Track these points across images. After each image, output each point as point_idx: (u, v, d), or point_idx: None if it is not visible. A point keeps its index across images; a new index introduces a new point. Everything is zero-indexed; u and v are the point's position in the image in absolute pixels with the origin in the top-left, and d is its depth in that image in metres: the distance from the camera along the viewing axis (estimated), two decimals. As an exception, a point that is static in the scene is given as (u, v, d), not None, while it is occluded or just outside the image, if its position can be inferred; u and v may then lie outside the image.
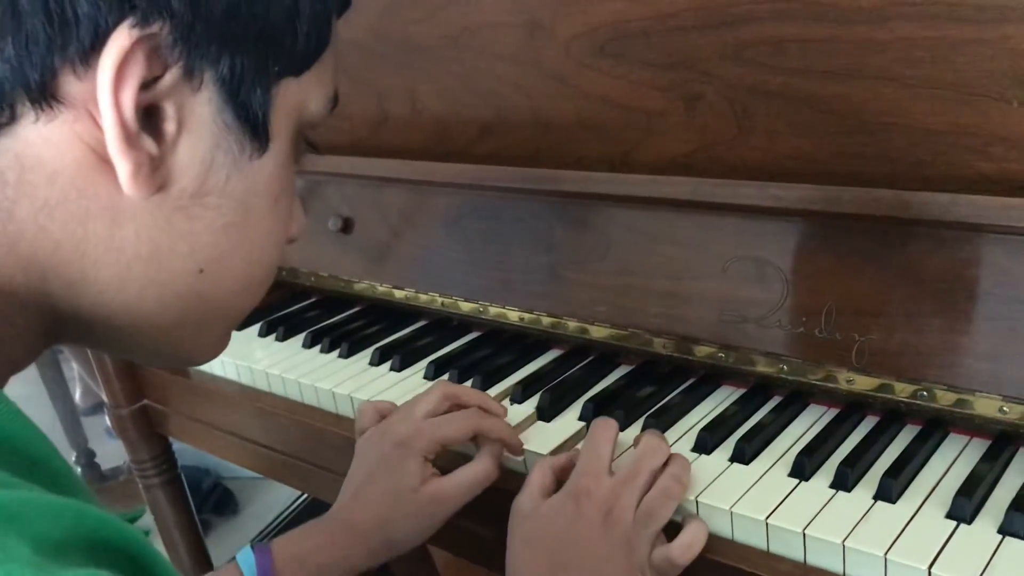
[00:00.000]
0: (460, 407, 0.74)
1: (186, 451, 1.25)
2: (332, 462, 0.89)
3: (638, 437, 0.68)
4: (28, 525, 0.33)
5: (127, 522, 0.38)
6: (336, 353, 0.98)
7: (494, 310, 0.93)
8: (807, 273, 0.72)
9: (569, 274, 0.87)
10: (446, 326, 1.00)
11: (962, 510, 0.59)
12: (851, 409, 0.73)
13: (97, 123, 0.40)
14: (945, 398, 0.67)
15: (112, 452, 2.27)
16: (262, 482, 2.05)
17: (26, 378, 0.44)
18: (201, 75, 0.42)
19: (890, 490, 0.62)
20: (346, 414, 0.89)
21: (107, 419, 1.19)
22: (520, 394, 0.82)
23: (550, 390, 0.82)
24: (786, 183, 0.72)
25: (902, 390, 0.68)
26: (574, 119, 0.89)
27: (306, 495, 1.88)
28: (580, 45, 0.86)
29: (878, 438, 0.68)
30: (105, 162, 0.41)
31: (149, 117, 0.41)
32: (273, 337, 1.05)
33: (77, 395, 2.58)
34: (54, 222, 0.42)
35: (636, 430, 0.75)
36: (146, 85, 0.40)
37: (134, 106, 0.40)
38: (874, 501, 0.62)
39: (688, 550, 0.61)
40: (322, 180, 1.08)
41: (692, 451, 0.71)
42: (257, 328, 1.07)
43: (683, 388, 0.81)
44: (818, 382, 0.72)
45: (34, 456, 0.39)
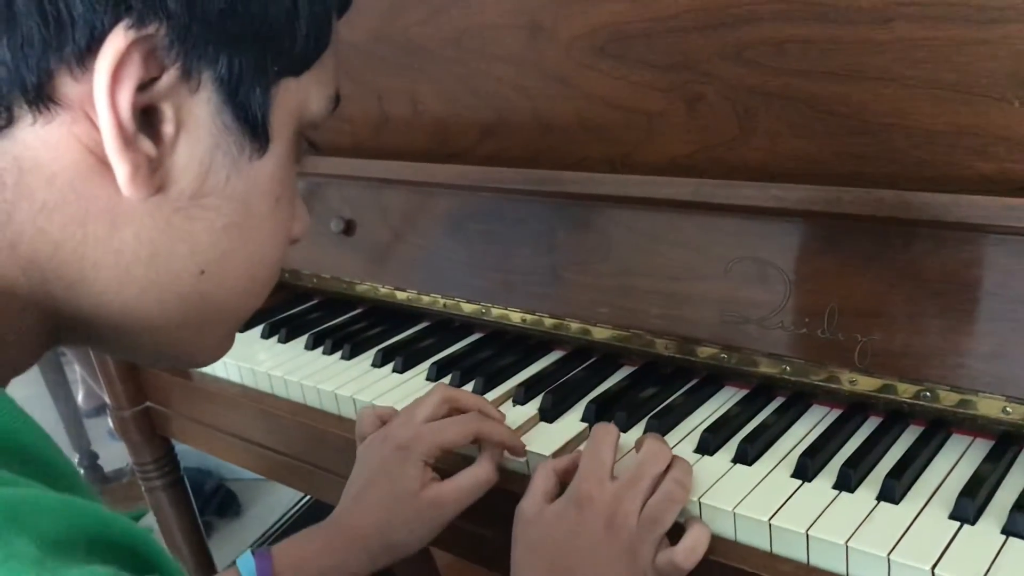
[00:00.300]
0: (459, 411, 0.75)
1: (188, 453, 1.25)
2: (335, 464, 0.89)
3: (640, 441, 0.68)
4: (33, 523, 0.33)
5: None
6: (338, 355, 0.98)
7: (496, 311, 0.93)
8: (809, 274, 0.72)
9: (571, 275, 0.87)
10: (448, 327, 1.00)
11: (965, 511, 0.59)
12: (854, 410, 0.73)
13: (95, 125, 0.40)
14: (948, 399, 0.67)
15: (115, 454, 2.27)
16: (265, 484, 2.05)
17: (29, 380, 0.44)
18: (199, 76, 0.42)
19: (893, 491, 0.62)
20: (348, 416, 0.89)
21: (110, 421, 1.19)
22: (522, 395, 0.83)
23: (552, 391, 0.82)
24: (787, 184, 0.72)
25: (905, 391, 0.68)
26: (575, 120, 0.89)
27: (309, 497, 1.88)
28: (581, 46, 0.86)
29: (881, 439, 0.68)
30: (103, 164, 0.41)
31: (147, 118, 0.41)
32: (275, 339, 1.05)
33: (80, 397, 2.58)
34: (53, 224, 0.42)
35: (638, 431, 0.75)
36: (143, 86, 0.40)
37: (131, 108, 0.40)
38: (877, 502, 0.62)
39: (691, 554, 0.61)
40: (324, 182, 1.08)
41: (695, 452, 0.71)
42: (259, 330, 1.07)
43: (685, 389, 0.81)
44: (821, 383, 0.72)
45: (37, 455, 0.40)
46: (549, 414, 0.80)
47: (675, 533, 0.63)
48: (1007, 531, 0.58)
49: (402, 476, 0.69)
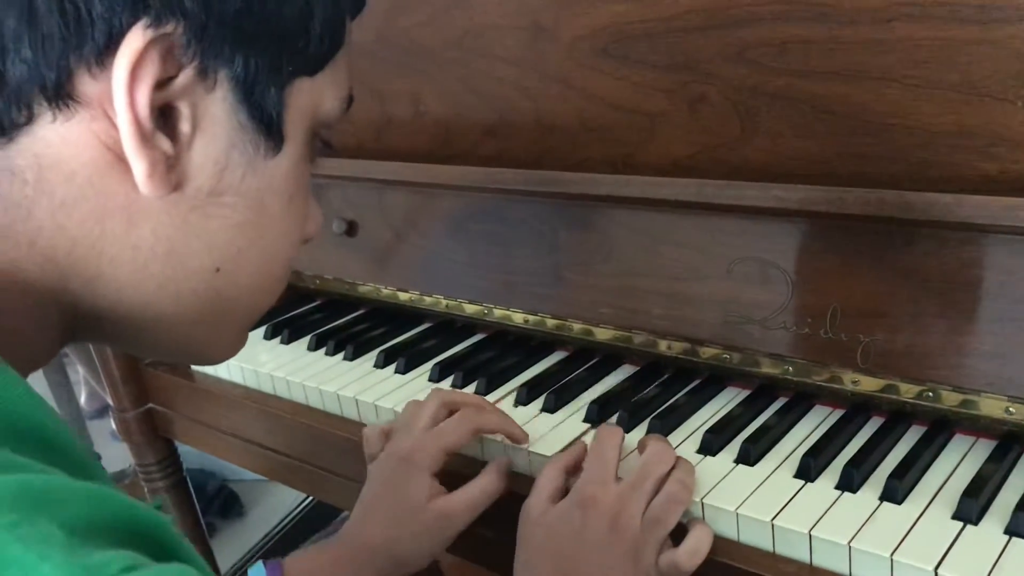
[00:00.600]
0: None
1: (191, 454, 1.26)
2: (337, 464, 0.89)
3: (642, 442, 0.68)
4: (59, 509, 0.33)
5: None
6: (341, 355, 0.98)
7: (498, 312, 0.93)
8: (811, 274, 0.72)
9: (573, 276, 0.87)
10: (451, 328, 1.00)
11: (968, 511, 0.59)
12: (856, 410, 0.73)
13: (113, 123, 0.41)
14: (951, 399, 0.66)
15: (117, 455, 2.27)
16: (267, 485, 2.05)
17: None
18: (215, 75, 0.42)
19: (896, 491, 0.62)
20: (351, 417, 0.89)
21: (112, 422, 1.19)
22: (525, 396, 0.83)
23: (555, 392, 0.82)
24: (790, 184, 0.72)
25: (907, 391, 0.68)
26: (577, 121, 0.89)
27: (311, 498, 1.88)
28: (583, 47, 0.86)
29: (884, 439, 0.68)
30: (121, 161, 0.42)
31: (164, 117, 0.42)
32: (278, 340, 1.05)
33: (82, 398, 2.59)
34: (71, 220, 0.42)
35: (640, 432, 0.75)
36: (161, 85, 0.41)
37: (149, 105, 0.40)
38: (880, 502, 0.62)
39: (694, 555, 0.61)
40: (326, 183, 1.08)
41: (697, 453, 0.71)
42: (262, 331, 1.07)
43: (688, 390, 0.81)
44: (823, 383, 0.72)
45: (59, 444, 0.40)
46: (551, 414, 0.80)
47: (678, 534, 0.63)
48: (1010, 531, 0.58)
49: (408, 490, 0.69)
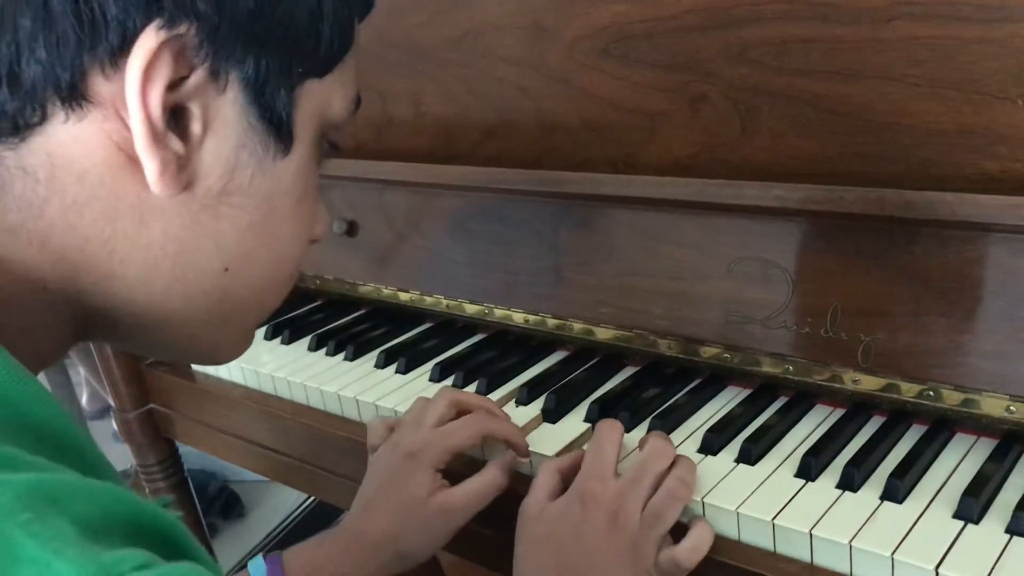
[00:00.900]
0: (467, 413, 0.74)
1: (192, 455, 1.26)
2: (338, 465, 0.89)
3: (643, 439, 0.68)
4: (71, 507, 0.33)
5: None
6: (342, 356, 0.98)
7: (499, 312, 0.93)
8: (812, 273, 0.72)
9: (574, 276, 0.87)
10: (451, 328, 1.00)
11: (969, 510, 0.59)
12: (857, 409, 0.73)
13: (125, 123, 0.41)
14: (951, 398, 0.66)
15: (119, 456, 2.26)
16: (268, 485, 2.06)
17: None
18: (226, 76, 0.43)
19: (897, 490, 0.62)
20: (352, 416, 0.89)
21: (113, 423, 1.19)
22: (526, 396, 0.83)
23: (556, 392, 0.82)
24: (790, 183, 0.72)
25: (908, 390, 0.68)
26: (578, 121, 0.89)
27: (312, 498, 1.88)
28: (584, 47, 0.86)
29: (884, 438, 0.68)
30: (133, 161, 0.42)
31: (176, 117, 0.42)
32: (279, 340, 1.05)
33: (84, 399, 2.59)
34: (83, 219, 0.43)
35: (642, 431, 0.75)
36: (173, 85, 0.41)
37: (161, 106, 0.41)
38: (881, 501, 0.62)
39: (694, 552, 0.61)
40: (326, 183, 1.07)
41: (698, 452, 0.71)
42: (263, 331, 1.07)
43: (689, 389, 0.81)
44: (824, 382, 0.72)
45: (71, 443, 0.40)
46: (552, 414, 0.80)
47: (679, 532, 0.63)
48: (1011, 530, 0.58)
49: (412, 484, 0.69)
